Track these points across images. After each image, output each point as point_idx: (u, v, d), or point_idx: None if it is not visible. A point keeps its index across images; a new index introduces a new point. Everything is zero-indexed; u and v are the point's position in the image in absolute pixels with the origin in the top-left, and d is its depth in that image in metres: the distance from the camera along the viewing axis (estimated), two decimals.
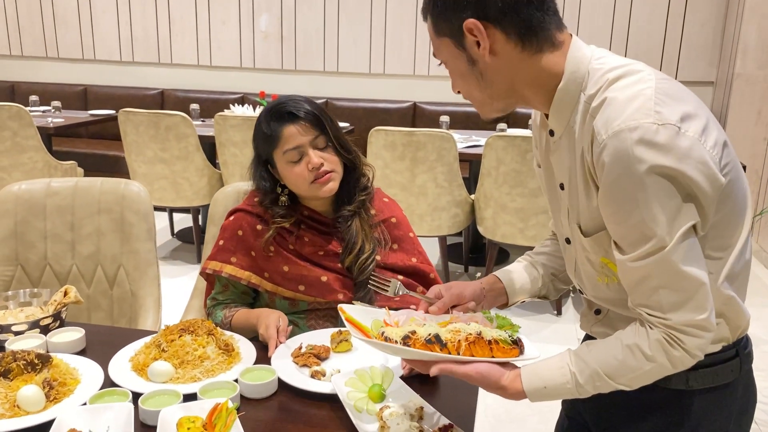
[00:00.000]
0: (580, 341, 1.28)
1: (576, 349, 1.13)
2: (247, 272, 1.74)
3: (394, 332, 1.16)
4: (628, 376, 1.07)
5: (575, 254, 1.21)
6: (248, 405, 1.35)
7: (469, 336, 1.16)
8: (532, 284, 1.38)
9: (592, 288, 1.21)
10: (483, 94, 1.12)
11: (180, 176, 4.39)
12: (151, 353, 1.45)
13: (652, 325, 1.05)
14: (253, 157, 1.79)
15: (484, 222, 3.91)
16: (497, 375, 1.13)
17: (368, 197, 1.79)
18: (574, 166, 1.11)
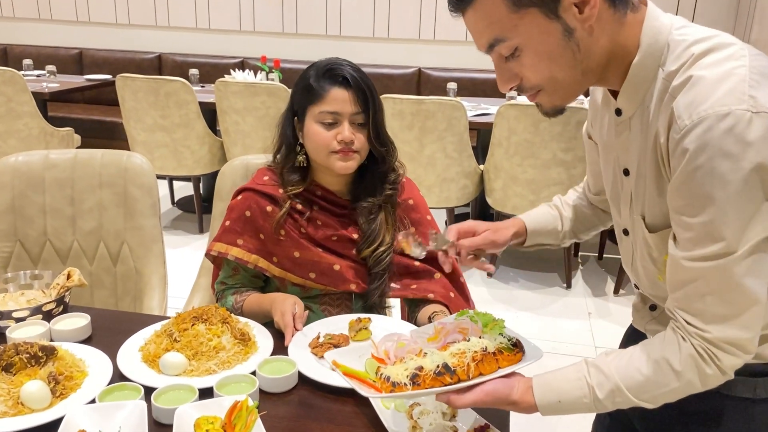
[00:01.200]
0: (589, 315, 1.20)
1: (595, 360, 1.03)
2: (255, 256, 1.64)
3: (397, 372, 1.07)
4: (652, 393, 0.99)
5: (634, 247, 1.12)
6: (267, 400, 1.27)
7: (476, 355, 1.08)
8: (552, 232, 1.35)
9: (650, 285, 1.11)
10: (575, 72, 0.97)
11: (181, 144, 4.26)
12: (163, 343, 1.36)
13: (687, 336, 0.96)
14: (286, 108, 1.68)
15: (493, 193, 3.81)
16: (506, 391, 1.05)
17: (396, 192, 1.68)
18: (645, 152, 1.00)
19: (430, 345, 1.17)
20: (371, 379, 1.10)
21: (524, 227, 1.32)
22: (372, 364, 1.13)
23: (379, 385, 1.07)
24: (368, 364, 1.14)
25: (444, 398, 1.05)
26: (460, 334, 1.18)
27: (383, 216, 1.64)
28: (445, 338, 1.18)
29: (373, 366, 1.13)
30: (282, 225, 1.62)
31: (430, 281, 1.65)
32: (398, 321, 1.57)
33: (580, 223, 1.36)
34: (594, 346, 3.26)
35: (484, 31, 0.97)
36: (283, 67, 5.03)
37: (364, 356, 1.17)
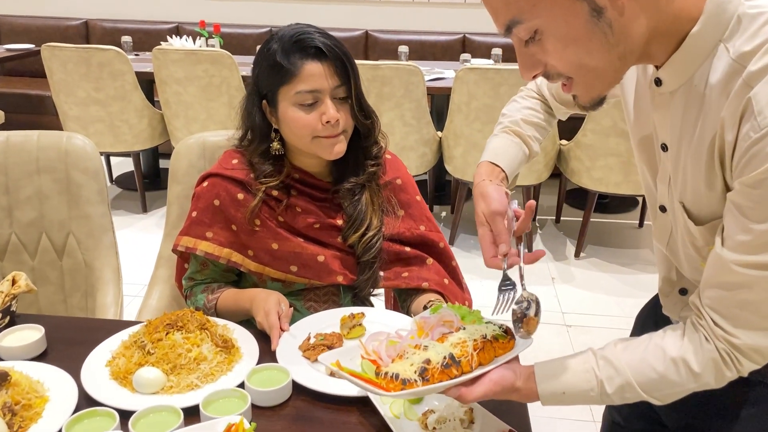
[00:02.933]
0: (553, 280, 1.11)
1: (604, 351, 0.96)
2: (227, 249, 1.48)
3: (405, 369, 0.96)
4: (665, 392, 0.93)
5: (672, 228, 1.02)
6: (260, 415, 1.13)
7: (476, 343, 1.00)
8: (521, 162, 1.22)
9: (691, 270, 1.02)
10: (609, 56, 0.84)
11: (117, 118, 3.97)
12: (134, 356, 1.20)
13: (711, 337, 0.90)
14: (248, 91, 1.48)
15: (452, 161, 3.71)
16: (511, 377, 0.97)
17: (379, 168, 1.53)
18: (691, 137, 0.89)
19: (420, 339, 1.06)
20: (371, 378, 0.98)
21: (505, 176, 1.17)
22: (368, 365, 1.01)
23: (384, 384, 0.96)
24: (365, 366, 1.02)
25: (454, 393, 0.96)
26: (446, 326, 1.07)
27: (368, 196, 1.50)
28: (432, 332, 1.07)
29: (369, 367, 1.01)
30: (257, 214, 1.46)
31: (422, 268, 1.53)
32: (394, 314, 1.45)
33: (539, 136, 1.25)
34: (561, 312, 3.24)
35: (501, 10, 0.84)
36: (224, 32, 4.74)
37: (355, 358, 1.05)
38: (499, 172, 1.15)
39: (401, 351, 1.00)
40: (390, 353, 1.01)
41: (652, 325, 1.23)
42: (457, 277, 1.57)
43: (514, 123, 1.23)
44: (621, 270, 3.66)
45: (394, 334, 1.07)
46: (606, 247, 3.92)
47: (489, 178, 1.12)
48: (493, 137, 1.22)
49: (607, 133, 3.38)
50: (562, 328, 3.10)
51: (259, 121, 1.44)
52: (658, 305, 1.19)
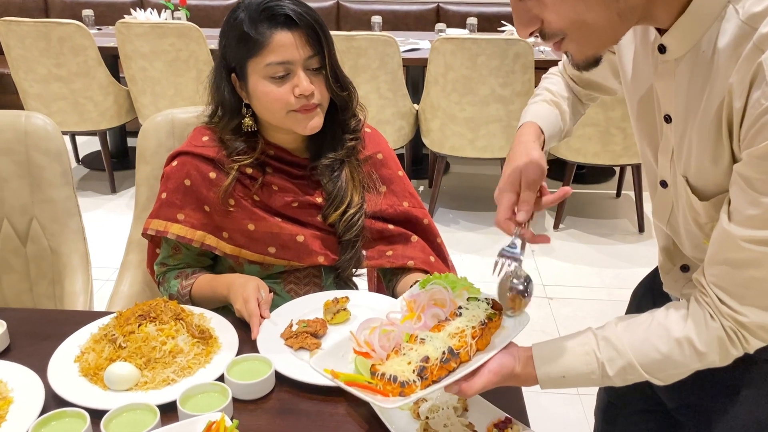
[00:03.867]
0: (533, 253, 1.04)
1: (605, 331, 0.92)
2: (200, 232, 1.40)
3: (402, 369, 0.90)
4: (669, 372, 0.90)
5: (675, 204, 0.97)
6: (242, 410, 1.07)
7: (474, 331, 0.95)
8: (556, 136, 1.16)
9: (692, 248, 0.98)
10: (608, 13, 0.78)
11: (81, 96, 3.82)
12: (105, 351, 1.12)
13: (717, 315, 0.86)
14: (216, 64, 1.38)
15: (430, 134, 3.64)
16: (510, 364, 0.93)
17: (359, 142, 1.46)
18: (697, 107, 0.84)
19: (414, 326, 1.01)
20: (367, 381, 0.91)
21: (543, 138, 1.10)
22: (363, 362, 0.95)
23: (380, 386, 0.90)
24: (359, 362, 0.95)
25: (454, 389, 0.91)
26: (437, 307, 1.02)
27: (347, 172, 1.43)
28: (424, 314, 1.02)
29: (364, 363, 0.95)
30: (230, 194, 1.38)
31: (406, 246, 1.47)
32: (379, 296, 1.39)
33: (574, 119, 1.20)
34: (542, 284, 3.22)
35: None
36: (190, 4, 4.58)
37: (347, 353, 0.98)
38: (542, 139, 1.08)
39: (396, 343, 0.94)
40: (383, 343, 0.95)
41: (650, 302, 1.18)
42: (443, 254, 1.51)
43: (554, 95, 1.16)
44: (600, 241, 3.64)
45: (385, 320, 1.01)
46: (584, 218, 3.90)
47: (529, 140, 1.05)
48: (533, 105, 1.15)
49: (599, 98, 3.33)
50: (543, 301, 3.08)
51: (228, 96, 1.35)
52: (656, 281, 1.15)
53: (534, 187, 0.98)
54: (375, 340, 0.96)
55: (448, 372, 0.90)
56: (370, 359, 0.95)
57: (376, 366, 0.92)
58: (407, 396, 0.87)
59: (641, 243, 3.61)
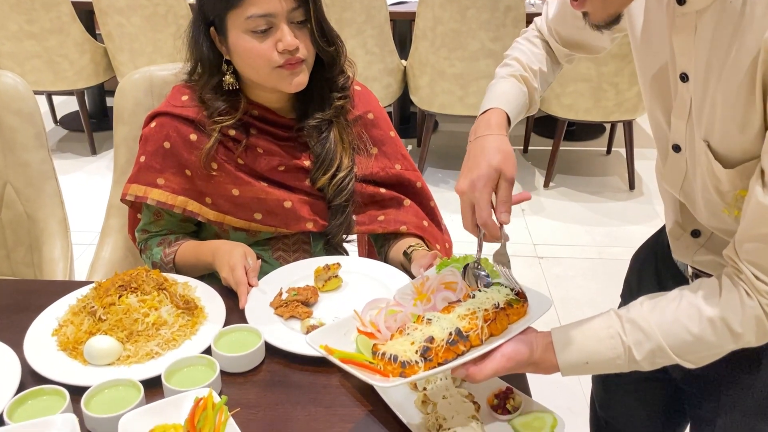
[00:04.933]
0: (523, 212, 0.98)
1: (630, 313, 0.86)
2: (182, 197, 1.33)
3: (404, 349, 0.84)
4: (701, 354, 0.84)
5: (690, 170, 0.91)
6: (230, 383, 1.02)
7: (487, 314, 0.88)
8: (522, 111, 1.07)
9: (709, 216, 0.92)
10: None
11: (56, 54, 3.67)
12: (84, 324, 1.06)
13: (754, 292, 0.80)
14: (193, 17, 1.30)
15: (419, 91, 3.54)
16: (526, 351, 0.86)
17: (348, 101, 1.38)
18: (722, 60, 0.77)
19: (423, 307, 0.95)
20: (368, 360, 0.86)
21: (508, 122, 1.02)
22: (365, 341, 0.90)
23: (381, 366, 0.85)
24: (360, 342, 0.90)
25: (462, 373, 0.85)
26: (448, 290, 0.96)
27: (336, 133, 1.36)
28: (434, 296, 0.96)
29: (366, 344, 0.89)
30: (213, 157, 1.30)
31: (399, 210, 1.41)
32: (372, 262, 1.33)
33: (543, 88, 1.13)
34: (532, 243, 3.19)
35: None
36: None
37: (350, 332, 0.92)
38: (507, 126, 1.00)
39: (402, 323, 0.89)
40: (390, 324, 0.90)
41: (652, 267, 1.14)
42: (436, 218, 1.46)
43: (524, 69, 1.08)
44: (590, 198, 3.61)
45: (393, 300, 0.96)
46: (574, 176, 3.86)
47: (501, 131, 0.97)
48: (501, 80, 1.07)
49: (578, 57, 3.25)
50: (533, 261, 3.05)
51: (207, 51, 1.27)
52: (660, 245, 1.10)
53: (512, 185, 0.91)
54: (381, 321, 0.91)
55: (457, 355, 0.85)
56: (374, 339, 0.89)
57: (378, 345, 0.86)
58: (408, 377, 0.82)
59: (632, 200, 3.57)
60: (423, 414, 0.95)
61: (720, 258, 0.88)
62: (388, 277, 1.25)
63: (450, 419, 0.91)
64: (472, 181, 0.90)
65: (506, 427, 0.94)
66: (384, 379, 0.82)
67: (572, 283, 2.87)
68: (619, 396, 1.24)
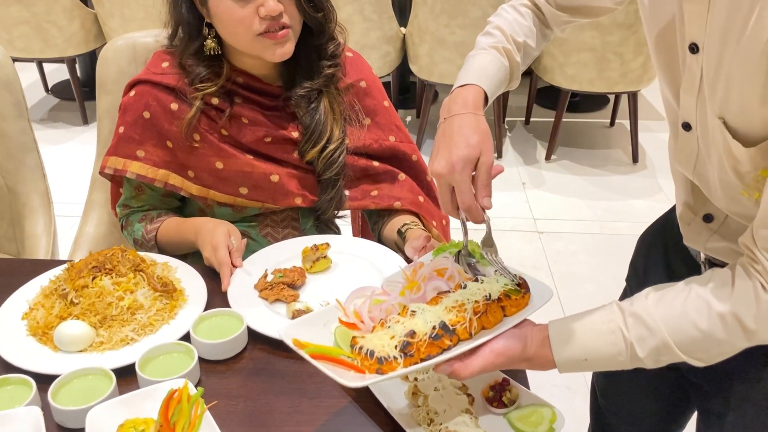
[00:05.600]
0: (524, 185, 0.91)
1: (633, 306, 0.79)
2: (163, 171, 1.26)
3: (382, 343, 0.78)
4: (711, 352, 0.77)
5: (702, 150, 0.83)
6: (210, 372, 0.96)
7: (477, 306, 0.81)
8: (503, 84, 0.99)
9: (726, 200, 0.84)
10: None
11: (44, 20, 3.56)
12: (54, 307, 1.00)
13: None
14: None
15: (418, 60, 3.44)
16: (519, 346, 0.80)
17: (338, 70, 1.29)
18: (740, 28, 0.69)
19: (412, 296, 0.88)
20: (346, 356, 0.80)
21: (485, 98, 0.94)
22: (344, 333, 0.83)
23: (359, 363, 0.78)
24: (339, 334, 0.83)
25: (446, 369, 0.78)
26: (441, 278, 0.89)
27: (326, 103, 1.28)
28: (425, 285, 0.89)
29: (346, 336, 0.82)
30: (195, 127, 1.23)
31: (393, 185, 1.34)
32: (364, 242, 1.26)
33: (527, 61, 1.04)
34: (533, 218, 3.12)
35: None
36: None
37: (330, 322, 0.85)
38: (484, 104, 0.93)
39: (382, 316, 0.82)
40: (374, 315, 0.83)
41: (660, 251, 1.07)
42: (433, 194, 1.38)
43: (507, 40, 0.99)
44: (592, 172, 3.53)
45: (380, 289, 0.89)
46: (577, 149, 3.78)
47: (478, 110, 0.89)
48: (482, 53, 0.98)
49: (581, 26, 3.15)
50: (533, 235, 2.99)
51: (186, 13, 1.18)
52: (669, 228, 1.03)
53: (490, 167, 0.84)
54: (364, 310, 0.84)
55: (442, 350, 0.78)
56: (356, 331, 0.83)
57: (357, 338, 0.80)
58: (385, 373, 0.75)
59: (635, 174, 3.50)
60: (413, 406, 0.89)
61: (735, 245, 0.81)
62: (380, 257, 1.19)
63: (442, 413, 0.86)
64: (451, 163, 0.83)
65: (502, 421, 0.88)
66: (358, 376, 0.75)
67: (573, 259, 2.81)
68: (621, 383, 1.18)
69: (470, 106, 0.88)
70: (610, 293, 2.53)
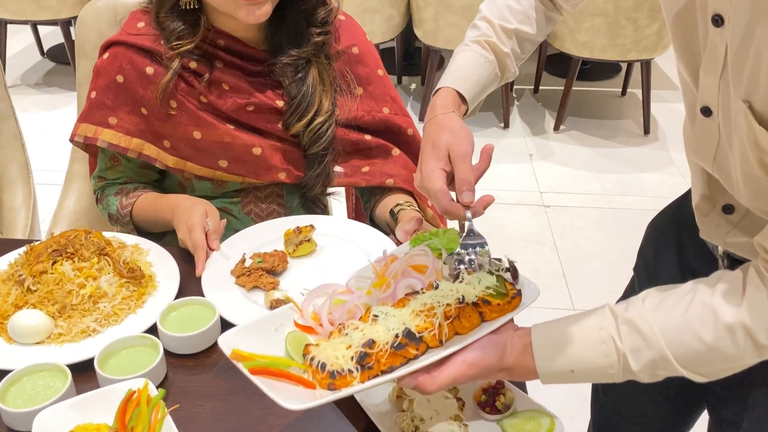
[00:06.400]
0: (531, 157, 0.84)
1: (629, 312, 0.70)
2: (137, 140, 1.17)
3: (336, 354, 0.68)
4: (715, 367, 0.69)
5: (719, 138, 0.73)
6: (177, 368, 0.88)
7: (449, 310, 0.71)
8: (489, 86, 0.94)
9: (751, 195, 0.73)
10: None
11: None
12: (10, 295, 0.92)
13: None
14: None
15: (423, 25, 3.31)
16: (496, 354, 0.71)
17: (329, 37, 1.19)
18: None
19: (379, 296, 0.78)
20: (298, 367, 0.71)
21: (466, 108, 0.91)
22: (297, 340, 0.74)
23: (310, 376, 0.70)
24: (291, 341, 0.73)
25: (410, 383, 0.69)
26: (418, 276, 0.80)
27: (315, 73, 1.18)
28: (397, 283, 0.79)
29: (298, 344, 0.73)
30: (171, 93, 1.14)
31: (386, 161, 1.24)
32: (354, 224, 1.17)
33: (520, 53, 0.97)
34: (539, 191, 3.02)
35: None
36: None
37: (284, 326, 0.76)
38: (460, 104, 0.88)
39: (343, 320, 0.73)
40: (335, 317, 0.74)
41: (673, 238, 0.98)
42: None
43: (494, 32, 0.92)
44: (602, 143, 3.41)
45: (343, 287, 0.80)
46: (587, 119, 3.65)
47: (448, 110, 0.86)
48: (463, 49, 0.93)
49: None
50: (539, 209, 2.89)
51: None
52: (682, 214, 0.93)
53: (468, 160, 0.80)
54: (323, 312, 0.75)
55: (407, 360, 0.69)
56: (314, 335, 0.74)
57: (310, 348, 0.70)
58: (337, 389, 0.66)
59: (646, 146, 3.38)
60: (398, 411, 0.81)
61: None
62: (370, 241, 1.10)
63: (428, 419, 0.77)
64: (422, 174, 0.81)
65: (495, 429, 0.80)
66: (305, 394, 0.66)
67: (580, 234, 2.72)
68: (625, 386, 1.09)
69: (438, 109, 0.86)
70: (618, 271, 2.45)
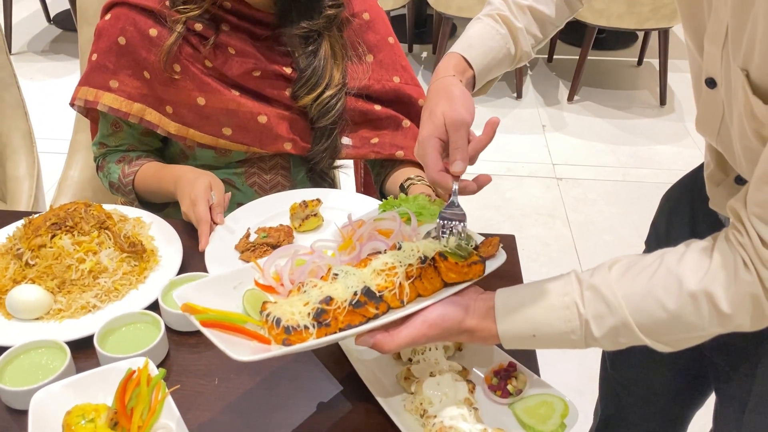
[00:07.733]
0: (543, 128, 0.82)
1: (593, 278, 0.68)
2: (138, 104, 1.13)
3: (293, 310, 0.67)
4: (678, 336, 0.67)
5: (723, 110, 0.70)
6: (179, 347, 0.86)
7: (410, 269, 0.71)
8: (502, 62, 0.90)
9: (750, 169, 0.70)
10: None
11: None
12: (9, 269, 0.89)
13: (755, 261, 0.61)
14: None
15: None
16: (457, 316, 0.71)
17: (341, 10, 1.14)
18: None
19: (343, 258, 0.78)
20: (254, 324, 0.70)
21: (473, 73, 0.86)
22: (254, 298, 0.72)
23: (266, 332, 0.68)
24: (248, 299, 0.72)
25: (367, 341, 0.69)
26: (383, 239, 0.80)
27: (327, 47, 1.13)
28: (362, 246, 0.79)
29: (256, 301, 0.72)
30: (175, 57, 1.10)
31: (396, 132, 1.20)
32: (363, 198, 1.13)
33: (538, 34, 0.93)
34: (551, 163, 2.96)
35: None
36: None
37: (243, 284, 0.75)
38: (469, 73, 0.84)
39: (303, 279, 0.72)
40: (296, 277, 0.73)
41: (687, 214, 0.94)
42: None
43: (507, 6, 0.88)
44: (617, 114, 3.34)
45: (308, 248, 0.78)
46: (601, 89, 3.57)
47: (448, 74, 0.82)
48: (475, 22, 0.89)
49: None
50: (552, 182, 2.84)
51: None
52: (695, 185, 0.90)
53: (464, 129, 0.77)
54: (285, 272, 0.74)
55: (367, 319, 0.68)
56: (275, 295, 0.72)
57: (267, 305, 0.69)
58: (292, 344, 0.65)
59: (662, 117, 3.30)
60: (406, 393, 0.78)
61: None
62: None
63: (437, 402, 0.75)
64: (418, 142, 0.80)
65: (506, 413, 0.77)
66: (258, 348, 0.65)
67: (592, 208, 2.67)
68: (635, 356, 1.06)
69: (440, 72, 0.83)
70: (631, 245, 2.41)
